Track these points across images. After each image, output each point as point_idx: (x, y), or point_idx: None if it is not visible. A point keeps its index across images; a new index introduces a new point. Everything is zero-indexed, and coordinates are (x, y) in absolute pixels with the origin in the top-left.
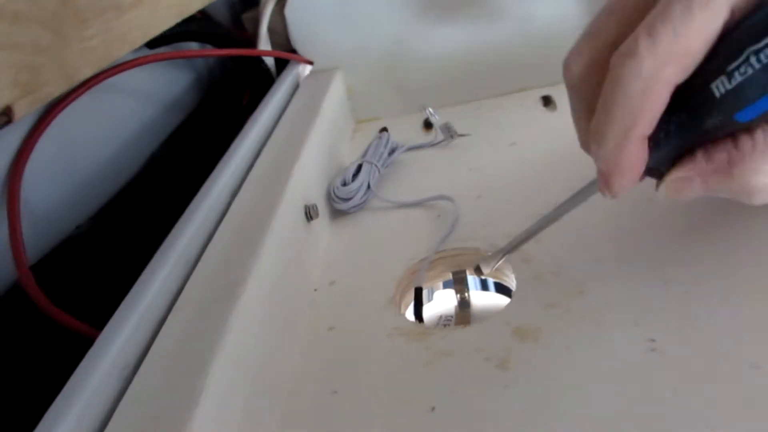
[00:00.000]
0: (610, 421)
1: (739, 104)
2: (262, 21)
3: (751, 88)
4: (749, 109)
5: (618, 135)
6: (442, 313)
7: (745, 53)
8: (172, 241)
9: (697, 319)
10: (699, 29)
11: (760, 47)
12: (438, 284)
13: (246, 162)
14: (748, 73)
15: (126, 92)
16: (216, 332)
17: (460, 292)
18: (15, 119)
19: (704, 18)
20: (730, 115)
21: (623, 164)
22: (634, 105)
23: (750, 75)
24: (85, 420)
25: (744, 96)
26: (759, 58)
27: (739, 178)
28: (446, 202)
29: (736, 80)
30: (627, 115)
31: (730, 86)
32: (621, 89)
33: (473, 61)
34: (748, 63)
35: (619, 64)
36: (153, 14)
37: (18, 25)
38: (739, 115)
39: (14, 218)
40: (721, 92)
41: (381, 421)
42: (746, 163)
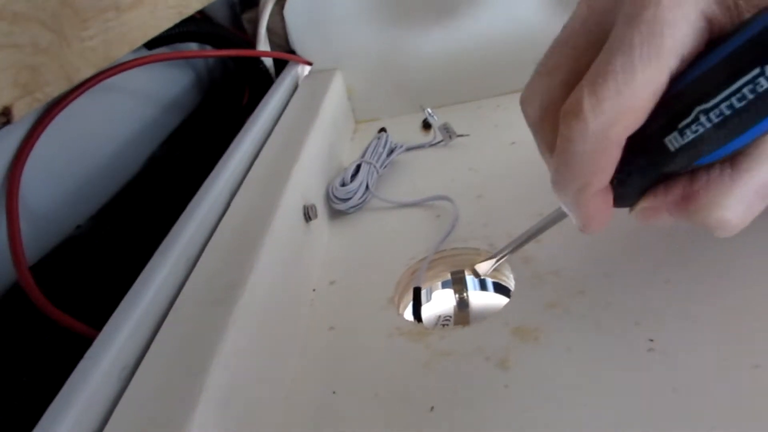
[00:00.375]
0: (610, 421)
1: (694, 157)
2: (262, 21)
3: (704, 143)
4: (706, 158)
5: (576, 192)
6: (440, 314)
7: (694, 112)
8: (171, 241)
9: (697, 319)
10: (643, 84)
11: (708, 107)
12: (437, 284)
13: (245, 162)
14: (699, 131)
15: (126, 92)
16: (215, 332)
17: (459, 292)
18: (14, 119)
19: (647, 73)
20: (687, 164)
21: (587, 213)
22: (585, 164)
23: (701, 133)
24: (84, 420)
25: (698, 150)
26: (709, 118)
27: (697, 212)
28: (446, 202)
29: (688, 137)
30: (580, 173)
31: (683, 142)
32: (571, 149)
33: (472, 62)
34: (698, 122)
35: (566, 124)
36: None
37: (18, 25)
38: (697, 163)
39: (14, 218)
40: (675, 147)
41: (381, 421)
42: (701, 198)
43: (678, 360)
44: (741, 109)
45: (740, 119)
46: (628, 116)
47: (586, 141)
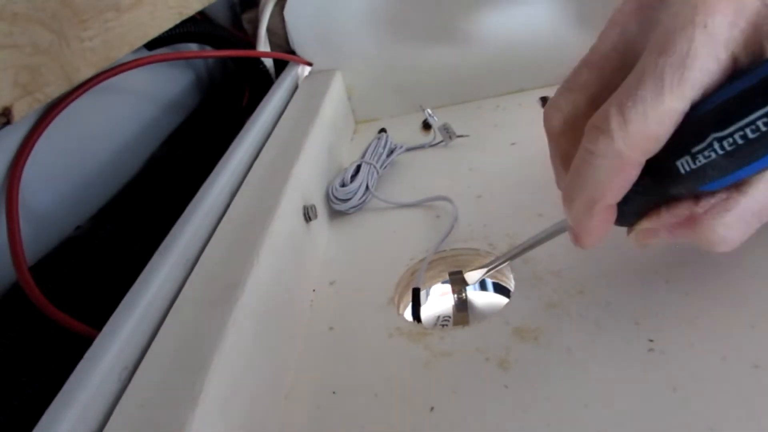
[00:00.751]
0: (610, 421)
1: (702, 181)
2: (262, 22)
3: (714, 169)
4: (712, 184)
5: (586, 204)
6: (439, 314)
7: (708, 138)
8: (171, 242)
9: (697, 319)
10: (669, 112)
11: (723, 135)
12: (436, 284)
13: (245, 163)
14: (711, 157)
15: (126, 93)
16: (215, 333)
17: (458, 293)
18: (14, 120)
19: (674, 102)
20: (693, 187)
21: (590, 228)
22: (602, 180)
23: (713, 159)
24: (84, 420)
25: (707, 175)
26: (722, 145)
27: (701, 232)
28: (445, 202)
29: (700, 162)
30: (596, 188)
31: (695, 166)
32: (592, 163)
33: (471, 62)
34: (711, 148)
35: (592, 138)
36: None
37: (18, 26)
38: (702, 188)
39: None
40: (686, 170)
41: (380, 421)
42: (706, 219)
43: (678, 360)
44: (753, 139)
45: (751, 149)
46: (651, 141)
47: (608, 157)
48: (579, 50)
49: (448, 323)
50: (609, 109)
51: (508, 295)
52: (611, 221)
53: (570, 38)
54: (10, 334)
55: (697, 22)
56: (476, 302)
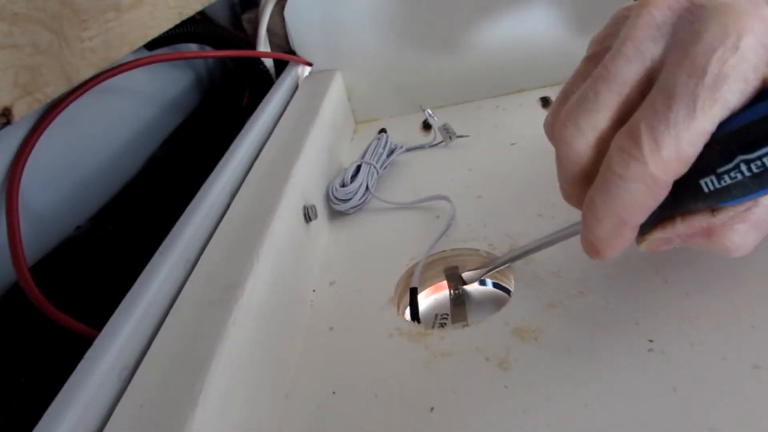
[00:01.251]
0: (610, 421)
1: (724, 198)
2: (262, 22)
3: (738, 188)
4: (734, 201)
5: (615, 225)
6: (437, 312)
7: (736, 160)
8: (171, 242)
9: (697, 319)
10: (699, 134)
11: (751, 158)
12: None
13: (245, 163)
14: (737, 178)
15: (126, 93)
16: (215, 333)
17: (454, 288)
18: (14, 120)
19: (706, 123)
20: (714, 204)
21: (616, 245)
22: (634, 203)
23: (739, 180)
24: (84, 420)
25: (730, 194)
26: (750, 168)
27: (717, 241)
28: (445, 202)
29: (725, 182)
30: (626, 211)
31: (719, 185)
32: (623, 188)
33: (471, 63)
34: (738, 169)
35: (622, 165)
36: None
37: (18, 26)
38: (722, 204)
39: (14, 218)
40: (710, 189)
41: (380, 421)
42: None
43: (678, 360)
44: None
45: None
46: (682, 163)
47: (641, 182)
48: (579, 51)
49: (447, 320)
50: (639, 133)
51: (508, 294)
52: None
53: (570, 39)
54: (10, 334)
55: (729, 45)
56: (474, 297)
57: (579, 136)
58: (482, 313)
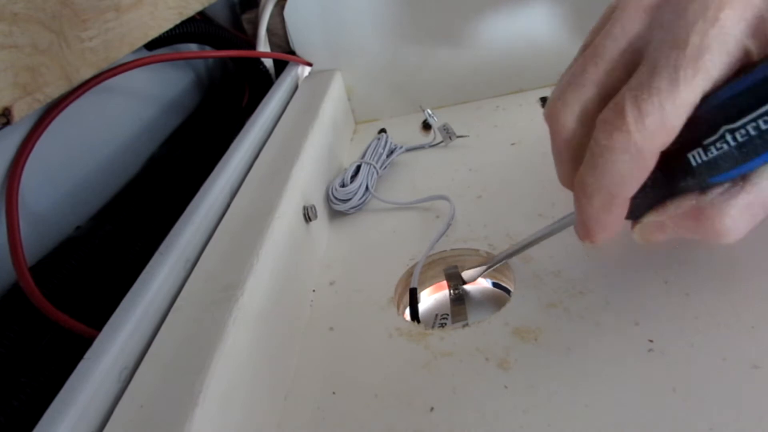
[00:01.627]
0: (610, 421)
1: (713, 172)
2: (262, 22)
3: (725, 160)
4: (722, 176)
5: (604, 199)
6: (437, 312)
7: (720, 131)
8: (171, 242)
9: (697, 319)
10: (683, 103)
11: (735, 127)
12: (434, 283)
13: (245, 163)
14: (723, 149)
15: (126, 93)
16: (215, 333)
17: (454, 288)
18: (14, 120)
19: (688, 93)
20: (704, 180)
21: (606, 222)
22: (621, 175)
23: (725, 150)
24: (84, 420)
25: (718, 167)
26: (734, 137)
27: (707, 222)
28: (445, 202)
29: (712, 153)
30: (614, 183)
31: (706, 158)
32: (609, 160)
33: (471, 63)
34: (723, 140)
35: (606, 135)
36: (152, 15)
37: (18, 26)
38: (712, 180)
39: (13, 218)
40: (697, 162)
41: (380, 421)
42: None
43: (678, 360)
44: (765, 130)
45: (763, 140)
46: (666, 133)
47: (625, 153)
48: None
49: (447, 320)
50: (623, 103)
51: (507, 294)
52: (624, 214)
53: (570, 39)
54: (10, 334)
55: (709, 17)
56: (474, 297)
57: (566, 110)
58: (482, 313)
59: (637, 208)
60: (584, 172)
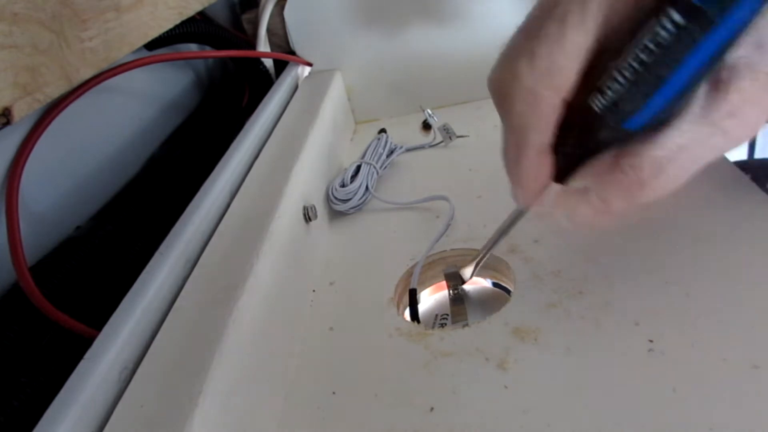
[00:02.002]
0: (610, 421)
1: (620, 116)
2: (262, 22)
3: (625, 101)
4: (633, 120)
5: (513, 150)
6: (437, 312)
7: (609, 70)
8: (171, 242)
9: (697, 319)
10: (572, 46)
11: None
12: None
13: (245, 163)
14: (618, 89)
15: (126, 93)
16: (215, 333)
17: (453, 288)
18: (14, 120)
19: (577, 36)
20: (618, 126)
21: (522, 176)
22: (521, 121)
23: (620, 90)
24: (84, 420)
25: (622, 109)
26: (623, 75)
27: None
28: (445, 203)
29: (608, 96)
30: (516, 131)
31: (606, 101)
32: (508, 108)
33: (472, 63)
34: (614, 80)
35: (504, 83)
36: (153, 15)
37: (18, 26)
38: (626, 125)
39: (13, 219)
40: (599, 107)
41: (380, 421)
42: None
43: (678, 360)
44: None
45: (650, 73)
46: (559, 75)
47: (521, 98)
48: None
49: (447, 320)
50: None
51: (507, 294)
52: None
53: None
54: (10, 334)
55: None
56: (474, 297)
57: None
58: (482, 313)
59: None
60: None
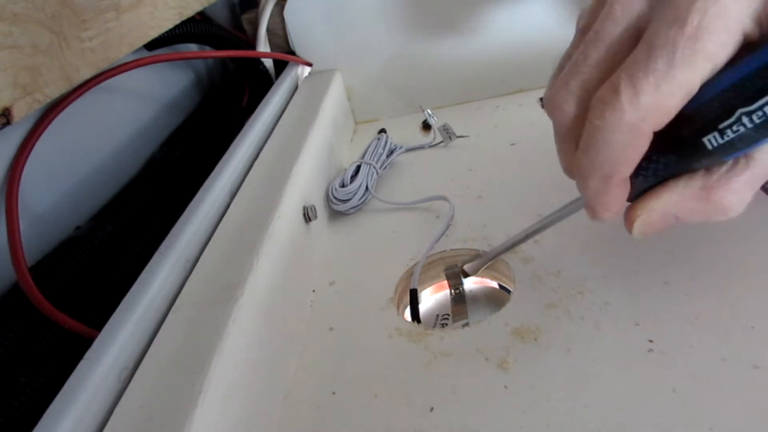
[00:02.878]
0: (610, 421)
1: (728, 152)
2: (262, 23)
3: (741, 141)
4: (736, 154)
5: (600, 180)
6: (438, 312)
7: (736, 114)
8: (171, 242)
9: (697, 319)
10: (680, 84)
11: (751, 110)
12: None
13: (245, 163)
14: (739, 131)
15: (125, 93)
16: (215, 333)
17: (454, 287)
18: (14, 120)
19: (686, 74)
20: (718, 159)
21: (606, 202)
22: (615, 155)
23: (741, 133)
24: (83, 421)
25: (733, 147)
26: (751, 119)
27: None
28: (445, 202)
29: (728, 137)
30: (608, 163)
31: (722, 141)
32: (602, 139)
33: (471, 63)
34: (740, 122)
35: (599, 114)
36: (152, 16)
37: (17, 26)
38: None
39: (13, 219)
40: (713, 145)
41: (380, 421)
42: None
43: (678, 360)
44: None
45: None
46: (662, 113)
47: (619, 132)
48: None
49: (448, 320)
50: (618, 82)
51: (507, 294)
52: (624, 195)
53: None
54: (10, 335)
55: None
56: (474, 296)
57: (569, 96)
58: (482, 313)
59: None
60: (580, 155)
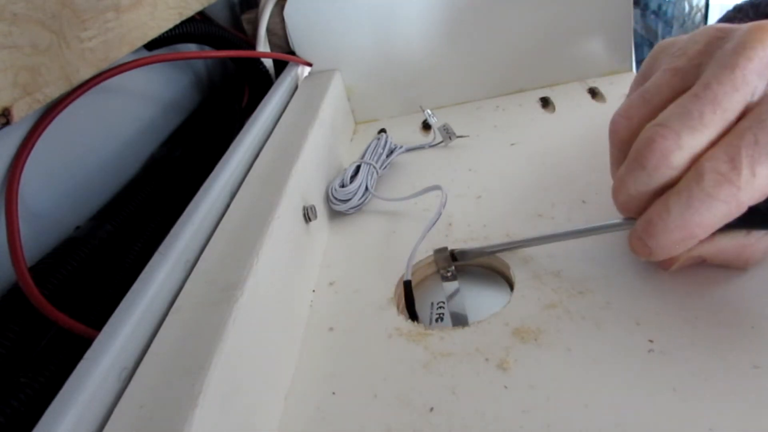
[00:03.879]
0: (610, 421)
1: None
2: (261, 22)
3: None
4: None
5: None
6: (432, 300)
7: None
8: (171, 242)
9: (697, 319)
10: None
11: None
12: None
13: (245, 163)
14: None
15: (125, 93)
16: (215, 333)
17: (443, 269)
18: (14, 120)
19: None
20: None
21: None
22: (711, 222)
23: None
24: (84, 420)
25: None
26: None
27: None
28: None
29: None
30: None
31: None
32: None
33: (471, 62)
34: None
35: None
36: (152, 15)
37: (17, 26)
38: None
39: (13, 219)
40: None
41: (380, 421)
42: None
43: (678, 360)
44: None
45: None
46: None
47: (726, 204)
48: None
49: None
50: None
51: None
52: None
53: (570, 38)
54: (9, 335)
55: None
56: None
57: (678, 151)
58: (482, 313)
59: None
60: (673, 208)
